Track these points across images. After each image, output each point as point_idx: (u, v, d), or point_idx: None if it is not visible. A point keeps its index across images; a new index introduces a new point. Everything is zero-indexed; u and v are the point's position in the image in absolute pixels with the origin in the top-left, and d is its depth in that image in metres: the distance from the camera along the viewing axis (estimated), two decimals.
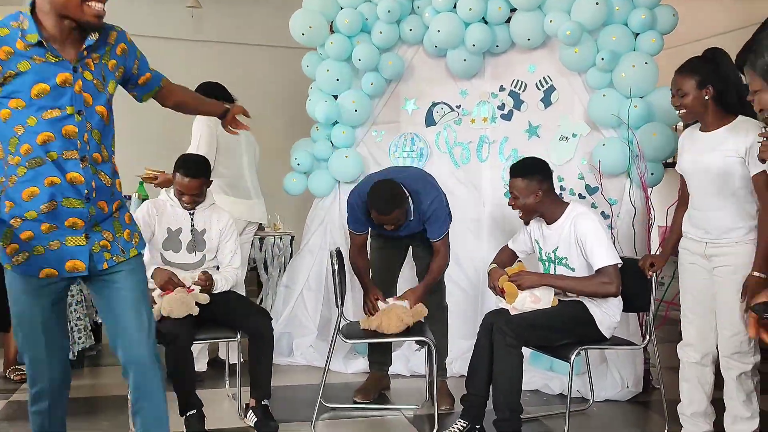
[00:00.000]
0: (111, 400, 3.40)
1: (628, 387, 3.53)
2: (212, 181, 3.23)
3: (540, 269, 3.04)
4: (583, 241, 2.80)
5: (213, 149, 3.76)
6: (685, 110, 2.65)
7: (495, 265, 3.07)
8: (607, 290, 2.80)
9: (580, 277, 2.84)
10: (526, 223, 2.98)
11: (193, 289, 2.94)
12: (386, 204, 3.00)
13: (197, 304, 2.91)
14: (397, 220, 3.06)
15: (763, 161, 2.26)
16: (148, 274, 2.93)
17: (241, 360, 3.24)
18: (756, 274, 2.43)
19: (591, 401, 3.42)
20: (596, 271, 2.81)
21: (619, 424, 3.26)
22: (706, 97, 2.58)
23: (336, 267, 2.99)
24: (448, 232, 3.26)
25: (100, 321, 4.21)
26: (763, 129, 2.23)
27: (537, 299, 2.88)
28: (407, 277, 3.62)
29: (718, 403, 2.75)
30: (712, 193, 2.62)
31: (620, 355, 3.53)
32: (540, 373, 3.70)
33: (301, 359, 4.13)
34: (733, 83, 2.54)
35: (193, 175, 3.07)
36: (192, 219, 3.17)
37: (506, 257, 3.18)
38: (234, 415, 3.19)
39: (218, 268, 3.25)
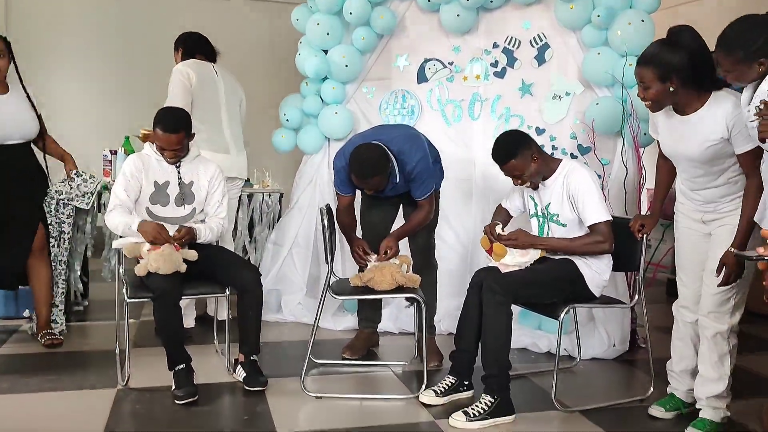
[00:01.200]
0: (99, 354, 3.39)
1: (614, 345, 3.56)
2: (194, 134, 3.15)
3: (533, 226, 3.02)
4: (575, 197, 2.79)
5: (186, 102, 3.64)
6: (650, 102, 2.51)
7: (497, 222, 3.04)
8: (601, 248, 2.79)
9: (574, 237, 2.83)
10: (534, 188, 2.94)
11: (180, 248, 2.90)
12: (365, 169, 2.97)
13: (185, 261, 2.87)
14: (376, 186, 3.04)
15: (763, 141, 2.14)
16: (134, 227, 2.91)
17: (230, 316, 3.23)
18: (733, 251, 2.38)
19: (578, 359, 3.45)
20: (588, 227, 2.79)
21: (606, 382, 3.30)
22: (671, 89, 2.44)
23: (326, 223, 2.97)
24: (434, 192, 3.23)
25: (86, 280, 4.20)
26: (758, 108, 2.11)
27: (525, 252, 2.86)
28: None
29: None
30: (700, 174, 2.56)
31: (607, 314, 3.56)
32: (528, 332, 3.72)
33: (289, 316, 4.14)
34: (702, 61, 2.42)
35: (172, 129, 2.99)
36: (179, 172, 3.11)
37: (503, 217, 3.15)
38: (222, 370, 3.19)
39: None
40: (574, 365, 3.42)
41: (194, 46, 3.93)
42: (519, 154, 2.80)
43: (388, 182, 3.09)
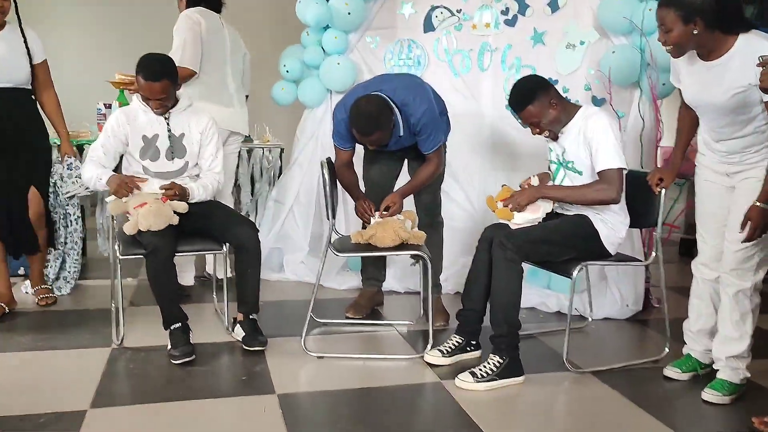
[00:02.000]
0: (95, 313, 3.28)
1: (627, 305, 3.44)
2: (180, 83, 2.97)
3: (550, 171, 2.86)
4: (591, 142, 2.62)
5: (198, 56, 3.47)
6: (672, 47, 2.34)
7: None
8: (606, 196, 2.61)
9: (578, 185, 2.67)
10: (554, 138, 2.77)
11: (167, 199, 2.76)
12: (367, 124, 2.80)
13: (176, 213, 2.73)
14: (378, 141, 2.87)
15: (765, 90, 2.03)
16: (103, 180, 2.82)
17: (229, 275, 3.11)
18: (759, 204, 2.21)
19: (589, 319, 3.33)
20: (597, 174, 2.63)
21: (619, 343, 3.19)
22: (695, 32, 2.26)
23: (327, 177, 2.82)
24: (441, 144, 3.08)
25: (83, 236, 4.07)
26: (760, 58, 2.00)
27: (536, 207, 2.72)
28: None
29: None
30: (725, 124, 2.40)
31: (620, 272, 3.43)
32: (537, 291, 3.60)
33: (291, 275, 4.02)
34: (728, 1, 2.25)
35: (155, 77, 2.79)
36: (168, 123, 2.93)
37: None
38: (221, 329, 3.09)
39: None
40: (586, 325, 3.31)
41: None
42: (536, 100, 2.62)
43: (391, 136, 2.92)
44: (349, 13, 3.81)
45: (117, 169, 2.99)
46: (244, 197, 4.21)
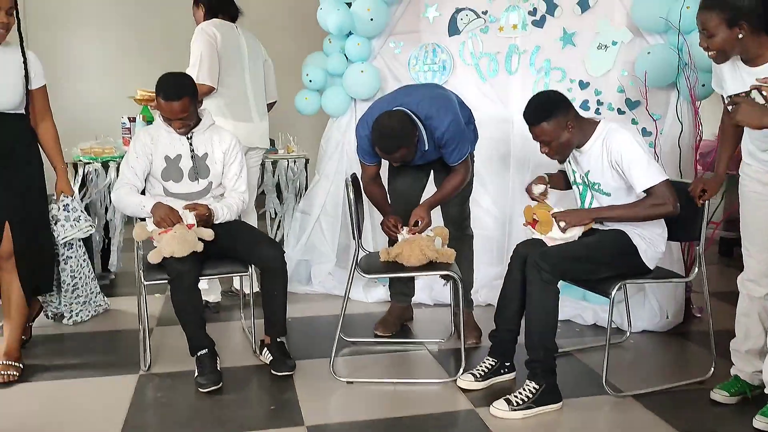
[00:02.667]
0: (123, 335, 3.26)
1: (667, 318, 3.31)
2: (202, 100, 2.91)
3: (575, 193, 2.75)
4: (619, 163, 2.48)
5: (216, 71, 3.41)
6: (715, 52, 2.22)
7: (544, 175, 2.81)
8: (665, 211, 2.47)
9: (630, 204, 2.53)
10: (562, 161, 2.65)
11: (193, 225, 2.70)
12: (390, 142, 2.71)
13: (202, 240, 2.68)
14: (403, 158, 2.78)
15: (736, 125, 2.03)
16: (147, 208, 2.73)
17: (254, 291, 3.05)
18: None
19: (627, 333, 3.20)
20: (644, 191, 2.50)
21: (660, 360, 3.05)
22: (741, 35, 2.15)
23: (351, 197, 2.73)
24: (469, 154, 2.97)
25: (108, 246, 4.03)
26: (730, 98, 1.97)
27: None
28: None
29: None
30: None
31: (660, 284, 3.29)
32: (572, 303, 3.47)
33: (319, 287, 3.96)
34: None
35: (174, 96, 2.74)
36: (191, 143, 2.88)
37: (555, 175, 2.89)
38: (249, 350, 3.04)
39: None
40: (624, 340, 3.18)
41: (218, 4, 3.61)
42: (552, 118, 2.49)
43: (416, 151, 2.83)
44: (371, 19, 3.71)
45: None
46: (268, 203, 4.13)
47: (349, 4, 3.77)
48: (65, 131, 4.64)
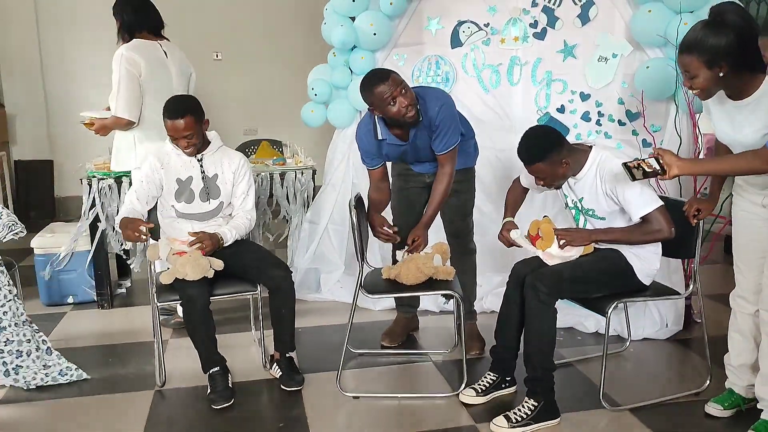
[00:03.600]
0: (138, 347, 3.38)
1: (667, 325, 3.38)
2: (208, 120, 2.97)
3: (569, 218, 2.82)
4: (614, 192, 2.55)
5: (136, 104, 3.34)
6: (699, 91, 2.26)
7: (510, 219, 2.88)
8: (661, 236, 2.56)
9: (628, 228, 2.60)
10: (557, 188, 2.72)
11: (205, 251, 2.81)
12: (381, 72, 2.78)
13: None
14: (399, 86, 2.73)
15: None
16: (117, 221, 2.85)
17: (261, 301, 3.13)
18: None
19: (628, 341, 3.28)
20: (640, 219, 2.57)
21: (659, 370, 3.13)
22: (721, 74, 2.19)
23: (355, 220, 2.82)
24: (456, 146, 2.97)
25: (126, 259, 4.13)
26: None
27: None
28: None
29: None
30: None
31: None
32: (573, 311, 3.54)
33: (328, 295, 4.06)
34: (751, 40, 2.17)
35: (177, 114, 2.82)
36: (201, 165, 2.98)
37: (519, 195, 2.97)
38: (259, 362, 3.14)
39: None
40: (624, 349, 3.26)
41: (136, 21, 3.40)
42: (547, 158, 2.55)
43: (417, 111, 2.81)
44: (374, 34, 3.77)
45: (152, 211, 3.05)
46: (283, 211, 4.21)
47: (353, 19, 3.83)
48: (75, 143, 4.73)
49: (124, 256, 4.10)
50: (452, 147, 2.93)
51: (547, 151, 2.55)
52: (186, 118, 2.84)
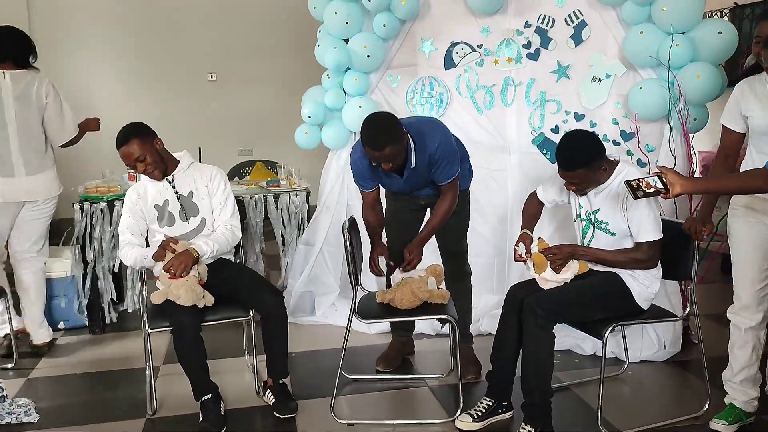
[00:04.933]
0: (130, 374, 3.33)
1: (665, 347, 3.35)
2: (160, 140, 2.91)
3: (576, 229, 2.79)
4: (630, 209, 2.54)
5: None
6: None
7: (526, 231, 2.83)
8: (642, 267, 2.59)
9: (613, 250, 2.60)
10: (582, 194, 2.69)
11: (203, 281, 2.78)
12: (377, 136, 2.69)
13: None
14: (391, 158, 2.74)
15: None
16: (149, 257, 2.82)
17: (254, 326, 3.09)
18: None
19: (626, 364, 3.24)
20: (636, 242, 2.57)
21: (657, 393, 3.09)
22: None
23: (348, 243, 2.79)
24: (457, 176, 2.97)
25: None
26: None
27: (567, 267, 2.66)
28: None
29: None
30: None
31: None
32: (571, 333, 3.50)
33: (323, 318, 4.03)
34: None
35: (123, 141, 2.81)
36: (173, 186, 2.95)
37: (536, 209, 2.94)
38: (252, 389, 3.10)
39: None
40: (622, 372, 3.22)
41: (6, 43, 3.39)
42: (590, 165, 2.53)
43: (405, 156, 2.81)
44: (368, 56, 3.77)
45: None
46: (277, 234, 4.18)
47: (347, 41, 3.83)
48: (70, 167, 4.73)
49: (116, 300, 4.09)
50: (454, 177, 2.94)
51: (593, 157, 2.53)
52: (131, 142, 2.81)
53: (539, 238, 2.80)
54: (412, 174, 2.92)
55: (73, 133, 3.63)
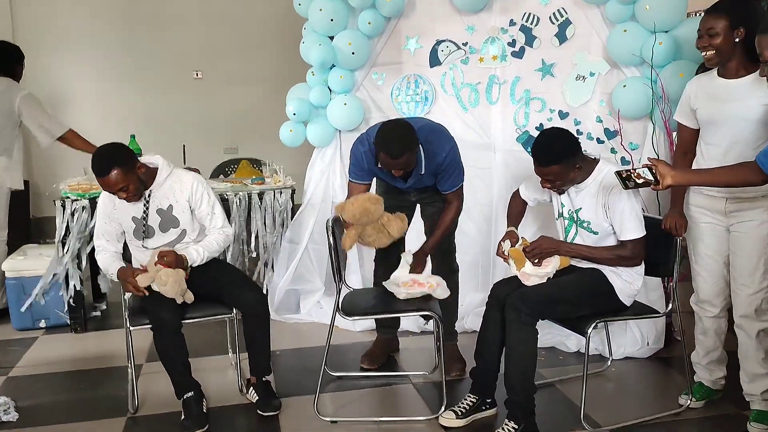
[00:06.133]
0: (112, 373, 3.29)
1: (648, 344, 3.36)
2: (142, 167, 2.77)
3: (558, 228, 2.80)
4: (611, 206, 2.56)
5: None
6: (713, 51, 2.47)
7: (512, 229, 2.84)
8: (626, 264, 2.61)
9: (598, 247, 2.61)
10: (561, 193, 2.71)
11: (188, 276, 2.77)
12: (397, 144, 2.70)
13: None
14: (405, 165, 2.78)
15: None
16: (113, 277, 2.83)
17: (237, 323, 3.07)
18: None
19: (609, 361, 3.26)
20: (619, 241, 2.58)
21: (639, 389, 3.11)
22: (737, 39, 2.42)
23: (332, 241, 2.78)
24: (462, 185, 3.03)
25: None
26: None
27: (548, 261, 2.67)
28: (414, 239, 3.37)
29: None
30: (743, 141, 2.44)
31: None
32: (555, 330, 3.51)
33: (307, 316, 4.01)
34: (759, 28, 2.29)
35: (103, 172, 2.64)
36: (149, 201, 2.84)
37: (520, 207, 2.95)
38: (236, 386, 3.08)
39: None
40: (606, 368, 3.23)
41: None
42: (563, 162, 2.54)
43: (415, 166, 2.85)
44: (353, 53, 3.76)
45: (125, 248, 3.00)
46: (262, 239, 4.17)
47: (332, 38, 3.82)
48: (53, 164, 4.72)
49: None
50: (459, 186, 2.98)
51: (565, 154, 2.54)
52: (113, 172, 2.64)
53: (522, 237, 2.81)
54: (417, 182, 2.95)
55: (57, 134, 4.07)
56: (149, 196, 2.85)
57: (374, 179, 3.11)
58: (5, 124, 4.00)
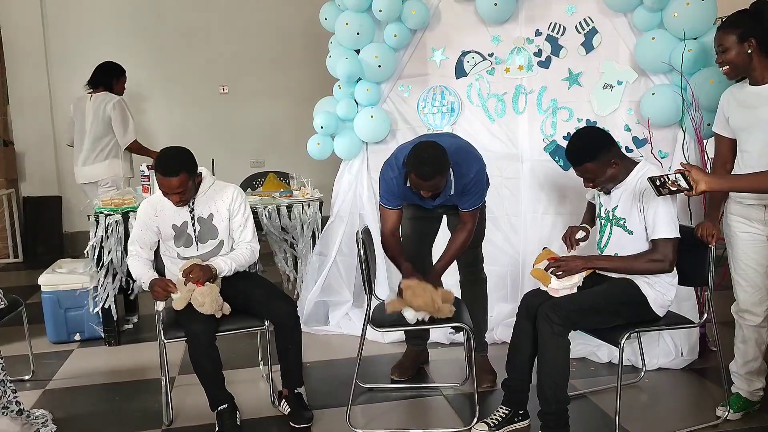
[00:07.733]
0: (146, 385, 3.33)
1: (682, 355, 3.32)
2: (200, 173, 2.90)
3: (597, 227, 2.79)
4: (646, 205, 2.54)
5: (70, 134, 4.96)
6: (728, 66, 2.54)
7: (575, 226, 2.90)
8: (659, 268, 2.56)
9: (629, 256, 2.59)
10: (606, 192, 2.70)
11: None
12: (429, 167, 2.69)
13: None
14: (435, 187, 2.79)
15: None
16: (144, 286, 2.88)
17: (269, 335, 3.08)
18: None
19: (642, 372, 3.22)
20: (651, 241, 2.55)
21: (674, 401, 3.06)
22: (749, 51, 2.47)
23: (362, 252, 2.79)
24: (480, 206, 3.02)
25: (132, 293, 4.11)
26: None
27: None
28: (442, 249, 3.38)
29: None
30: None
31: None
32: (587, 340, 3.49)
33: (337, 328, 4.03)
34: None
35: (171, 172, 2.71)
36: (193, 211, 2.91)
37: (590, 214, 2.95)
38: (269, 399, 3.10)
39: None
40: (639, 379, 3.19)
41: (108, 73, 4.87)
42: (597, 158, 2.55)
43: (444, 187, 2.85)
44: (379, 66, 3.79)
45: (156, 253, 3.05)
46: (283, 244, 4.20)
47: (358, 51, 3.85)
48: None
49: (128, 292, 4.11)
50: (477, 206, 2.98)
51: (597, 151, 2.55)
52: (180, 176, 2.72)
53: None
54: (446, 200, 2.95)
55: (131, 139, 4.84)
56: (193, 204, 2.91)
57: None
58: (106, 131, 4.78)
